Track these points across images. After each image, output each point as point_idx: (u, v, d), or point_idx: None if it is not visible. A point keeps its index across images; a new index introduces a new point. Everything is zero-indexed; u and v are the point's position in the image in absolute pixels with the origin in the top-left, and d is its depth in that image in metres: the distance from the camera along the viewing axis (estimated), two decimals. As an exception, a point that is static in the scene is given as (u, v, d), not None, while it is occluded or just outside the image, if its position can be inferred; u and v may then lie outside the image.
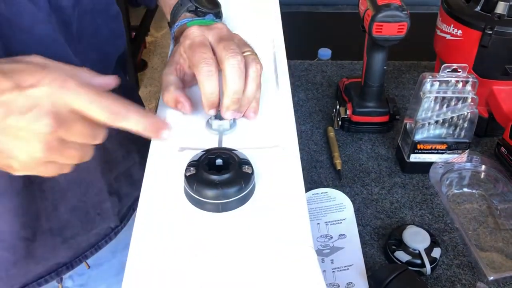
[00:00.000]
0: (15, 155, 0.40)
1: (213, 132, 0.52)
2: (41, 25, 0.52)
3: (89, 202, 0.69)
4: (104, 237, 0.74)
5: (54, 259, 0.68)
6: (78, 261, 0.72)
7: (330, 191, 0.81)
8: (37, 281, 0.68)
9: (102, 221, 0.72)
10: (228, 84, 0.49)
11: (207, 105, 0.50)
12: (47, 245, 0.65)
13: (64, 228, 0.66)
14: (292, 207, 0.45)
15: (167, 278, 0.40)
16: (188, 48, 0.51)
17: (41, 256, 0.66)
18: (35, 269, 0.67)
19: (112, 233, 0.75)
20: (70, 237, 0.68)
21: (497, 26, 0.82)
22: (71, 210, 0.66)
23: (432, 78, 0.80)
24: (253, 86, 0.51)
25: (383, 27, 0.83)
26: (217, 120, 0.52)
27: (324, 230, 0.74)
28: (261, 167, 0.48)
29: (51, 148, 0.40)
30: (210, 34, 0.52)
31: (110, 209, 0.72)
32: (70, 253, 0.70)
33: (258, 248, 0.42)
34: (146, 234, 0.43)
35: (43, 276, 0.68)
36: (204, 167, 0.44)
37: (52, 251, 0.67)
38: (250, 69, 0.50)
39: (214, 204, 0.44)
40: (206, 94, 0.49)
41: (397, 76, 1.12)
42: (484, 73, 0.87)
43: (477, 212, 0.79)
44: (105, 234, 0.74)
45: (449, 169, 0.83)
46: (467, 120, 0.82)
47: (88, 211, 0.69)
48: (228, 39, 0.51)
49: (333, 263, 0.69)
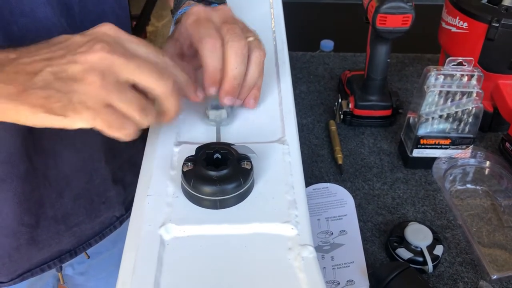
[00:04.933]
0: (74, 98, 0.39)
1: (210, 123, 0.51)
2: (41, 8, 0.51)
3: (94, 190, 0.68)
4: (109, 226, 0.74)
5: (58, 246, 0.68)
6: (81, 249, 0.72)
7: (331, 186, 0.79)
8: (40, 267, 0.68)
9: (106, 209, 0.72)
10: (229, 69, 0.47)
11: (209, 82, 0.48)
12: (51, 232, 0.65)
13: (68, 216, 0.66)
14: (292, 204, 0.44)
15: (162, 275, 0.38)
16: (193, 23, 0.49)
17: (44, 243, 0.66)
18: (38, 256, 0.67)
19: (117, 221, 0.75)
20: (74, 225, 0.68)
21: (504, 19, 0.80)
22: (76, 198, 0.66)
23: (437, 71, 0.79)
24: (255, 72, 0.49)
25: (387, 19, 0.81)
26: (214, 111, 0.50)
27: (324, 226, 0.73)
28: (260, 162, 0.47)
29: (107, 85, 0.40)
30: (214, 15, 0.50)
31: (115, 197, 0.72)
32: (74, 241, 0.70)
33: (256, 246, 0.41)
34: (142, 231, 0.42)
35: (46, 262, 0.68)
36: (201, 163, 0.43)
37: (56, 238, 0.67)
38: (253, 54, 0.48)
39: (212, 200, 0.43)
40: (208, 70, 0.47)
41: (401, 69, 1.10)
42: (490, 67, 0.85)
43: (480, 208, 0.77)
44: (109, 222, 0.74)
45: (453, 164, 0.82)
46: (472, 115, 0.80)
47: (93, 199, 0.69)
48: (233, 22, 0.49)
49: (333, 260, 0.68)
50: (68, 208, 0.66)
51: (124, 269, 0.39)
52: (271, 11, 0.71)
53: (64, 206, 0.65)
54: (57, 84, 0.39)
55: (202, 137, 0.50)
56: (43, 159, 0.60)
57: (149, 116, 0.42)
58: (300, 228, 0.42)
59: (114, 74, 0.40)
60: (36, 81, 0.39)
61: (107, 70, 0.40)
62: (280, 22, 0.69)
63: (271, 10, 0.71)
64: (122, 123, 0.40)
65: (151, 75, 0.41)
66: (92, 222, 0.71)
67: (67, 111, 0.39)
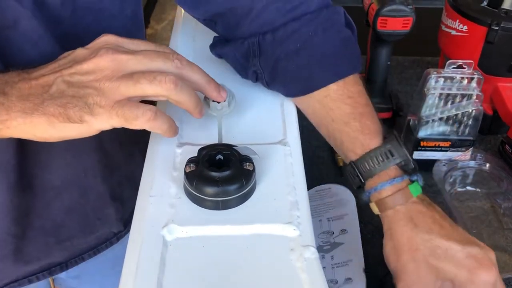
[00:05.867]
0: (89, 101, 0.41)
1: (212, 114, 0.50)
2: (24, 21, 0.50)
3: (89, 206, 0.67)
4: (105, 241, 0.73)
5: (47, 258, 0.67)
6: (73, 262, 0.70)
7: (334, 186, 0.80)
8: (28, 278, 0.66)
9: (102, 226, 0.71)
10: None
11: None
12: (39, 243, 0.64)
13: (58, 228, 0.65)
14: (294, 205, 0.44)
15: (165, 275, 0.39)
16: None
17: (31, 255, 0.64)
18: (26, 267, 0.66)
19: (114, 238, 0.74)
20: (66, 239, 0.67)
21: (504, 22, 0.81)
22: (67, 211, 0.65)
23: (437, 74, 0.79)
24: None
25: (388, 22, 0.81)
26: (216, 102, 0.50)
27: (326, 226, 0.73)
28: (262, 164, 0.47)
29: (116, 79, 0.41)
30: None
31: (113, 214, 0.71)
32: (66, 254, 0.69)
33: (259, 247, 0.41)
34: (145, 231, 0.42)
35: (35, 273, 0.67)
36: (204, 164, 0.43)
37: (45, 251, 0.66)
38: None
39: (214, 201, 0.43)
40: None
41: (401, 72, 1.11)
42: (489, 70, 0.86)
43: (480, 210, 0.78)
44: (106, 238, 0.73)
45: (453, 166, 0.82)
46: (472, 117, 0.80)
47: (87, 214, 0.68)
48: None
49: (333, 259, 0.68)
50: (58, 220, 0.65)
51: (127, 269, 0.40)
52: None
53: (53, 218, 0.64)
54: (71, 91, 0.41)
55: (204, 138, 0.50)
56: (30, 169, 0.59)
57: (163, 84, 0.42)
58: (302, 229, 0.42)
59: (122, 68, 0.42)
60: (52, 92, 0.41)
61: (115, 68, 0.41)
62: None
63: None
64: (137, 110, 0.41)
65: (158, 59, 0.43)
66: (86, 237, 0.69)
67: (84, 115, 0.40)
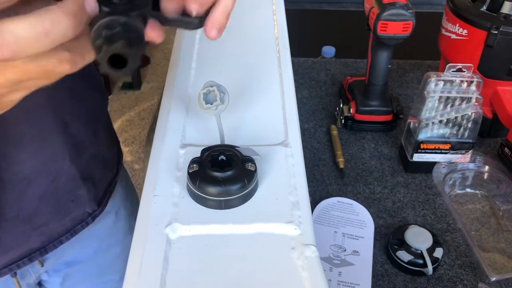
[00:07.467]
0: None
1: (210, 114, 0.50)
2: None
3: (61, 189, 0.67)
4: (81, 222, 0.72)
5: (26, 245, 0.67)
6: (52, 246, 0.70)
7: (356, 204, 0.79)
8: (8, 267, 0.67)
9: (76, 207, 0.70)
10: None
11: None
12: (15, 232, 0.64)
13: (33, 216, 0.65)
14: (295, 205, 0.45)
15: (168, 273, 0.39)
16: None
17: (11, 244, 0.65)
18: (5, 256, 0.66)
19: (89, 218, 0.73)
20: (41, 224, 0.66)
21: (503, 26, 0.82)
22: (40, 198, 0.65)
23: (437, 77, 0.80)
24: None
25: (388, 26, 0.82)
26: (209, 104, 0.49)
27: (339, 240, 0.73)
28: (264, 164, 0.48)
29: None
30: None
31: (86, 195, 0.71)
32: (43, 239, 0.68)
33: (260, 246, 0.42)
34: (149, 230, 0.43)
35: (15, 261, 0.67)
36: (207, 164, 0.44)
37: (22, 238, 0.66)
38: None
39: (217, 201, 0.44)
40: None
41: (401, 75, 1.12)
42: (489, 73, 0.86)
43: (479, 212, 0.79)
44: (81, 219, 0.72)
45: (452, 169, 0.83)
46: (471, 120, 0.81)
47: (60, 198, 0.67)
48: None
49: (341, 275, 0.68)
50: (32, 208, 0.64)
51: (131, 267, 0.40)
52: (274, 18, 0.72)
53: (27, 206, 0.64)
54: None
55: (207, 139, 0.51)
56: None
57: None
58: (303, 228, 0.43)
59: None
60: None
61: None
62: (283, 29, 0.70)
63: (274, 17, 0.72)
64: None
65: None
66: (61, 220, 0.69)
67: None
